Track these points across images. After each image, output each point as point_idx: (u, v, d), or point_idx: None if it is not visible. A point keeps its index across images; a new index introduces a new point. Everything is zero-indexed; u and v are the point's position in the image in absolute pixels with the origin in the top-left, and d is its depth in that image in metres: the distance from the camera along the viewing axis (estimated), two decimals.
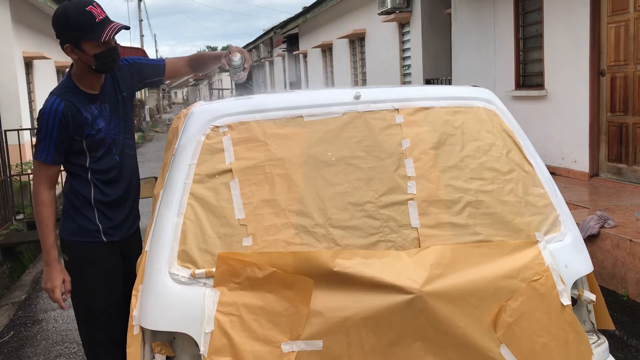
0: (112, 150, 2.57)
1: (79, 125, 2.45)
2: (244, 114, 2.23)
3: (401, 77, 12.50)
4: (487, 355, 2.00)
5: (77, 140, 2.47)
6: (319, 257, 1.98)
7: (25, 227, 8.01)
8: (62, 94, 2.46)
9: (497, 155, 2.34)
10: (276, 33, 23.99)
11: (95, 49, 2.42)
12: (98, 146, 2.52)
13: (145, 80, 2.79)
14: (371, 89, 2.40)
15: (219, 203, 2.09)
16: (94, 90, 2.55)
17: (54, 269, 2.47)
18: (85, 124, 2.46)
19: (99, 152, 2.52)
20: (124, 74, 2.67)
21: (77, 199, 2.54)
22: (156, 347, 2.01)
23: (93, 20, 2.38)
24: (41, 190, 2.45)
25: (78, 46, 2.42)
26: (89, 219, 2.54)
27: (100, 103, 2.55)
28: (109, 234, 2.58)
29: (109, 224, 2.57)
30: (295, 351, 1.92)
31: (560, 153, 7.36)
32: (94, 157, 2.52)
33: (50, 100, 2.44)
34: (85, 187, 2.53)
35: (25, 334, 4.61)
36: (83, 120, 2.46)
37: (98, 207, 2.54)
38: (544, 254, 2.17)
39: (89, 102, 2.51)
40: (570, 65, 7.04)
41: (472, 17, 9.24)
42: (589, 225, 4.83)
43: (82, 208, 2.54)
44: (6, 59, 9.48)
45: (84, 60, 2.45)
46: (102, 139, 2.52)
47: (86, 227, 2.53)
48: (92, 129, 2.49)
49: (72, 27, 2.40)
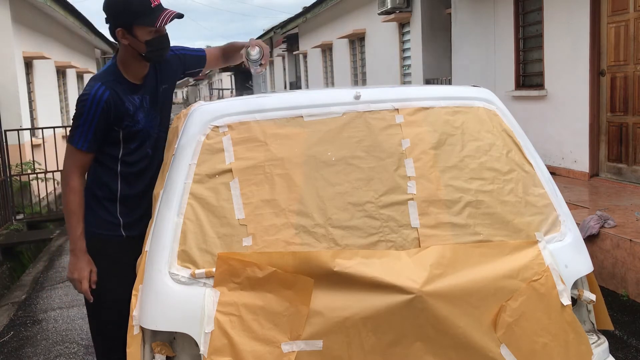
0: (146, 142, 2.55)
1: (120, 115, 2.42)
2: (244, 114, 2.23)
3: (401, 77, 12.50)
4: (487, 355, 2.00)
5: (115, 131, 2.44)
6: (319, 257, 1.98)
7: (25, 227, 8.01)
8: (107, 81, 2.43)
9: (497, 155, 2.34)
10: (276, 33, 23.98)
11: (147, 35, 2.39)
12: (134, 138, 2.50)
13: (187, 71, 2.78)
14: (371, 89, 2.40)
15: (219, 203, 2.09)
16: (137, 80, 2.52)
17: (82, 259, 2.43)
18: (126, 115, 2.44)
19: (133, 143, 2.50)
20: (169, 65, 2.64)
21: (102, 191, 2.51)
22: (156, 347, 2.01)
23: (149, 6, 2.36)
24: (73, 177, 2.41)
25: (130, 31, 2.39)
26: (111, 212, 2.52)
27: (142, 94, 2.52)
28: (128, 229, 2.55)
29: (129, 218, 2.54)
30: (295, 351, 1.92)
31: (560, 153, 7.36)
32: (127, 148, 2.50)
33: (95, 87, 2.39)
34: (113, 180, 2.50)
35: (25, 334, 4.61)
36: (125, 111, 2.44)
37: (122, 200, 2.52)
38: (544, 254, 2.17)
39: (132, 92, 2.49)
40: (570, 65, 7.04)
41: (472, 17, 9.24)
42: (589, 225, 4.83)
43: (105, 201, 2.51)
44: (6, 59, 9.47)
45: (135, 46, 2.42)
46: (139, 130, 2.49)
47: (107, 220, 2.51)
48: (132, 120, 2.46)
49: (128, 11, 2.36)
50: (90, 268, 2.45)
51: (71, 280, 2.46)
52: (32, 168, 8.96)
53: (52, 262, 6.71)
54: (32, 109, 10.96)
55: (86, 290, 2.44)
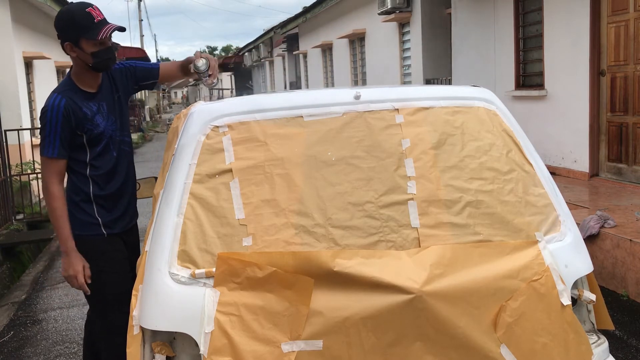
0: (110, 146, 2.72)
1: (80, 120, 2.60)
2: (244, 114, 2.23)
3: (401, 77, 12.50)
4: (487, 355, 2.00)
5: (79, 135, 2.63)
6: (319, 257, 1.98)
7: (25, 227, 8.01)
8: (62, 91, 2.62)
9: (497, 155, 2.34)
10: (276, 33, 23.98)
11: (92, 47, 2.59)
12: (97, 141, 2.67)
13: (140, 83, 2.94)
14: (371, 89, 2.40)
15: (219, 203, 2.09)
16: (91, 89, 2.70)
17: (74, 257, 2.59)
18: (85, 119, 2.61)
19: (98, 147, 2.67)
20: (120, 75, 2.84)
21: (77, 195, 2.68)
22: (156, 347, 2.01)
23: (92, 21, 2.56)
24: (51, 184, 2.59)
25: (77, 44, 2.59)
26: (88, 213, 2.68)
27: (98, 101, 2.71)
28: (109, 227, 2.72)
29: (108, 217, 2.71)
30: (295, 351, 1.92)
31: (560, 153, 7.36)
32: (93, 152, 2.67)
33: (52, 98, 2.59)
34: (85, 183, 2.67)
35: (25, 334, 4.61)
36: (83, 116, 2.61)
37: (97, 201, 2.69)
38: (544, 254, 2.17)
39: (88, 99, 2.67)
40: (570, 65, 7.04)
41: (472, 17, 9.24)
42: (589, 225, 4.83)
43: (82, 203, 2.68)
44: (6, 59, 9.47)
45: (82, 58, 2.62)
46: (100, 133, 2.66)
47: (86, 221, 2.67)
48: (92, 123, 2.63)
49: (73, 26, 2.57)
50: (83, 264, 2.61)
51: (66, 277, 2.63)
52: (32, 168, 8.95)
53: (52, 262, 6.70)
54: (32, 109, 10.96)
55: (82, 283, 2.60)
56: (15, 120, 9.34)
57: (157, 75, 2.95)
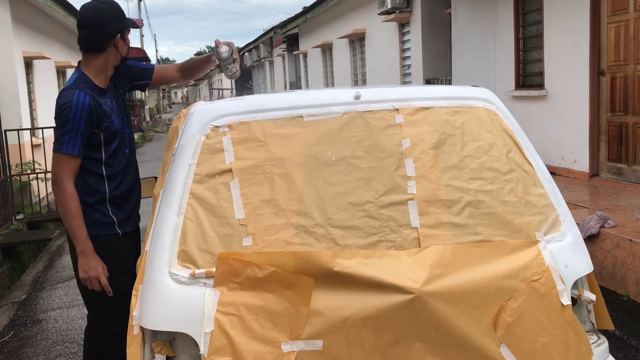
0: (122, 143, 2.69)
1: (100, 117, 2.55)
2: (244, 114, 2.23)
3: (401, 77, 12.50)
4: (487, 355, 2.00)
5: (96, 134, 2.56)
6: (319, 257, 1.98)
7: (25, 227, 8.01)
8: (82, 88, 2.53)
9: (497, 155, 2.34)
10: (276, 33, 23.97)
11: (127, 38, 2.63)
12: (113, 139, 2.62)
13: (133, 82, 2.91)
14: (371, 89, 2.40)
15: (219, 203, 2.09)
16: (104, 85, 2.67)
17: (92, 258, 2.52)
18: (105, 116, 2.57)
19: (112, 144, 2.63)
20: (119, 73, 2.80)
21: (91, 196, 2.60)
22: (156, 347, 2.01)
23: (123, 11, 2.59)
24: (67, 183, 2.51)
25: (122, 36, 2.61)
26: (104, 213, 2.62)
27: (109, 97, 2.67)
28: (123, 226, 2.68)
29: (121, 215, 2.67)
30: (295, 351, 1.92)
31: (560, 153, 7.36)
32: (108, 150, 2.62)
33: (74, 94, 2.49)
34: (100, 183, 2.61)
35: (25, 334, 4.61)
36: (103, 113, 2.56)
37: (113, 200, 2.64)
38: (544, 254, 2.17)
39: (102, 95, 2.62)
40: (570, 65, 7.04)
41: (472, 17, 9.24)
42: (589, 225, 4.82)
43: (96, 204, 2.61)
44: (6, 59, 9.47)
45: (121, 50, 2.62)
46: (115, 131, 2.63)
47: (102, 221, 2.62)
48: (109, 121, 2.59)
49: (120, 18, 2.58)
50: (102, 265, 2.55)
51: (87, 279, 2.54)
52: (32, 168, 8.96)
53: (52, 262, 6.70)
54: (32, 109, 10.96)
55: (106, 284, 2.53)
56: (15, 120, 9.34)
57: (150, 76, 2.93)
